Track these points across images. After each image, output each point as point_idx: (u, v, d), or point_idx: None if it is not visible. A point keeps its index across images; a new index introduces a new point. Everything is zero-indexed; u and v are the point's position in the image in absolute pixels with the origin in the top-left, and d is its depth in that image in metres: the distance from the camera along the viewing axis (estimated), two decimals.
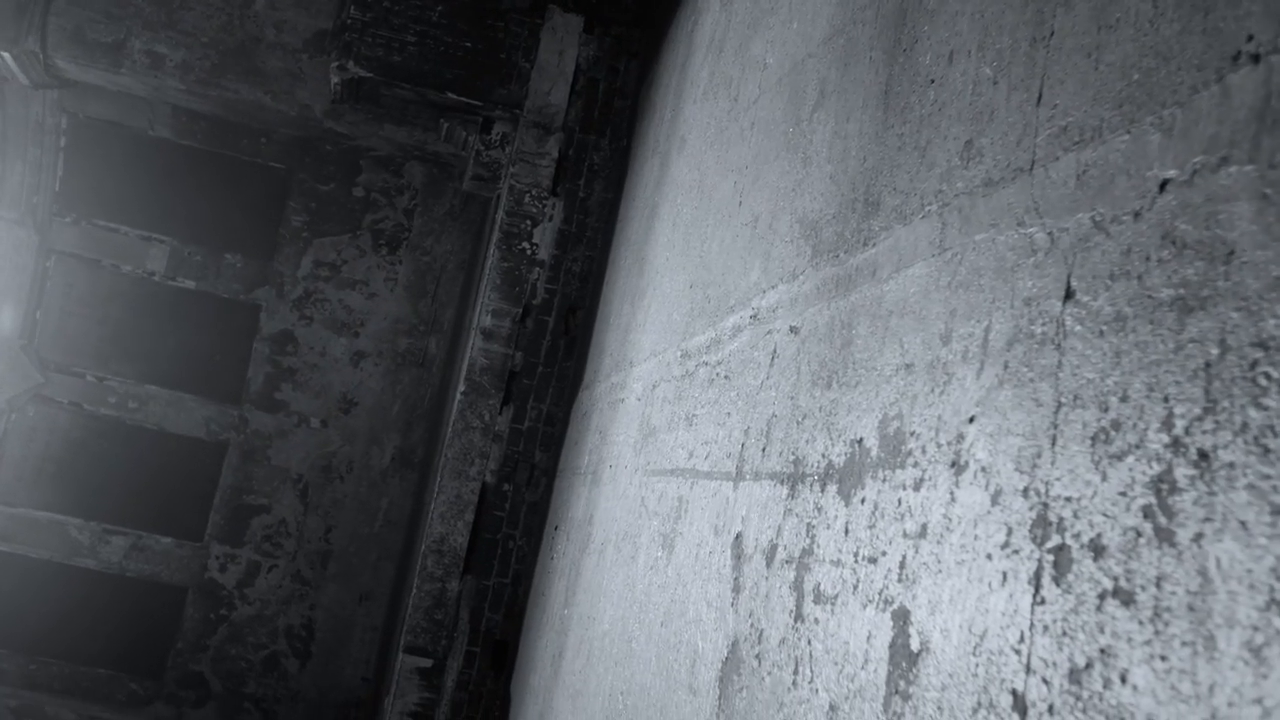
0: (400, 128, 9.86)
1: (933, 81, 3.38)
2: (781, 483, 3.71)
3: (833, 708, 3.02)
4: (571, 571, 6.52)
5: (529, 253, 7.99)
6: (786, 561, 3.52)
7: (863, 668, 2.92)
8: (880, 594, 2.91)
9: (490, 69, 8.16)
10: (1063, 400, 2.36)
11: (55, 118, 10.23)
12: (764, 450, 3.94)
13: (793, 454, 3.68)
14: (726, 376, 4.54)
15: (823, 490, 3.39)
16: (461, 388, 8.01)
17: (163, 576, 10.37)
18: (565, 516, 7.11)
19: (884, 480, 3.04)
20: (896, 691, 2.72)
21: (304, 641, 10.42)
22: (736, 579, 3.93)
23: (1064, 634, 2.18)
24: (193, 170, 10.77)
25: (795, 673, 3.28)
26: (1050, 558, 2.27)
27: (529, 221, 8.04)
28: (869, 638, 2.92)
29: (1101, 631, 2.06)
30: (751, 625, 3.68)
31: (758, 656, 3.57)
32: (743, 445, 4.17)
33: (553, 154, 8.08)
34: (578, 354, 8.01)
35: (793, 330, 3.97)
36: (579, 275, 8.09)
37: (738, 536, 4.02)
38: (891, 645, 2.80)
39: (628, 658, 4.94)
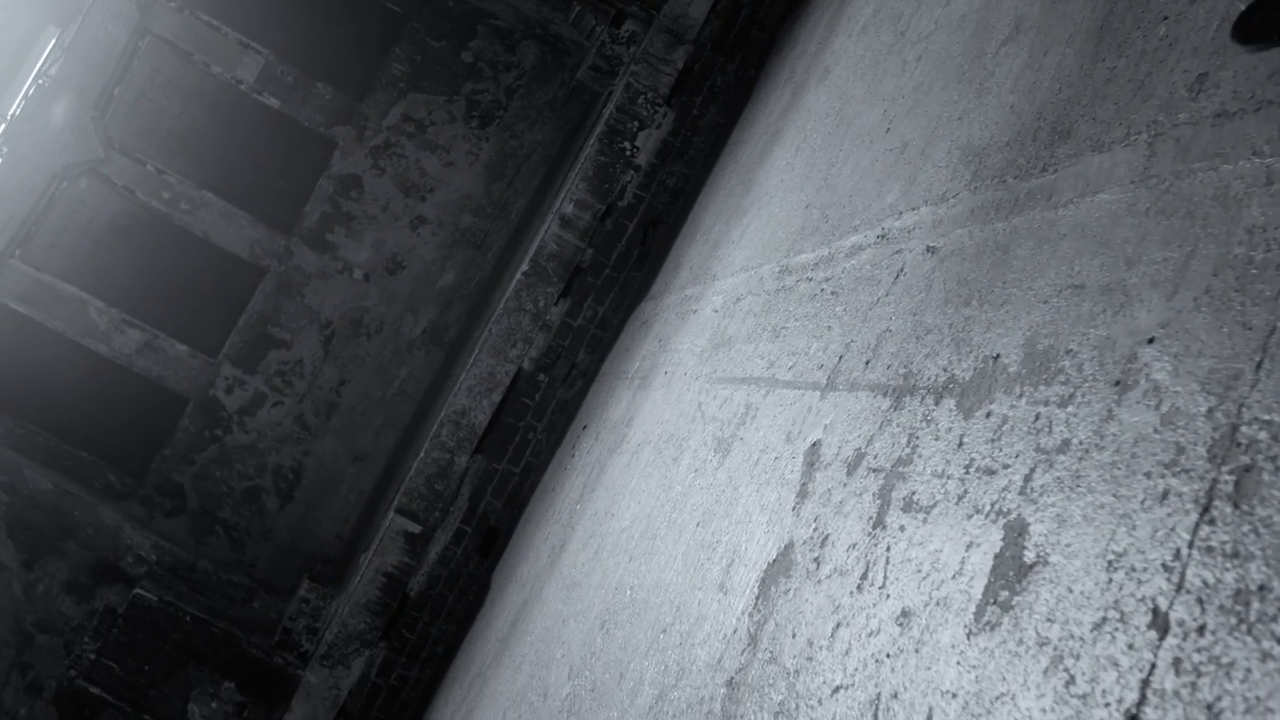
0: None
1: (1165, 18, 3.27)
2: (884, 395, 3.55)
3: (905, 613, 2.85)
4: (594, 470, 6.37)
5: (628, 153, 7.80)
6: (874, 470, 3.37)
7: (953, 577, 2.76)
8: (993, 506, 2.76)
9: None
10: (1279, 325, 2.21)
11: None
12: (867, 363, 3.80)
13: (904, 368, 3.53)
14: (834, 292, 4.39)
15: (936, 403, 3.24)
16: (524, 268, 7.82)
17: (168, 381, 10.19)
18: (599, 417, 6.95)
19: (1020, 395, 2.89)
20: (994, 601, 2.56)
21: (289, 484, 10.24)
22: (804, 485, 3.77)
23: (1234, 554, 2.02)
24: None
25: (863, 578, 3.12)
26: (1230, 478, 2.12)
27: (636, 123, 7.84)
28: (969, 547, 2.77)
29: None
30: (815, 530, 3.51)
31: (816, 560, 3.40)
32: (840, 357, 4.02)
33: (678, 64, 7.89)
34: (649, 266, 7.83)
35: (929, 250, 3.83)
36: (670, 190, 7.90)
37: (814, 444, 3.86)
38: (998, 556, 2.64)
39: (648, 554, 4.79)
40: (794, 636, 3.29)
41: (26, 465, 8.35)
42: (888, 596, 2.97)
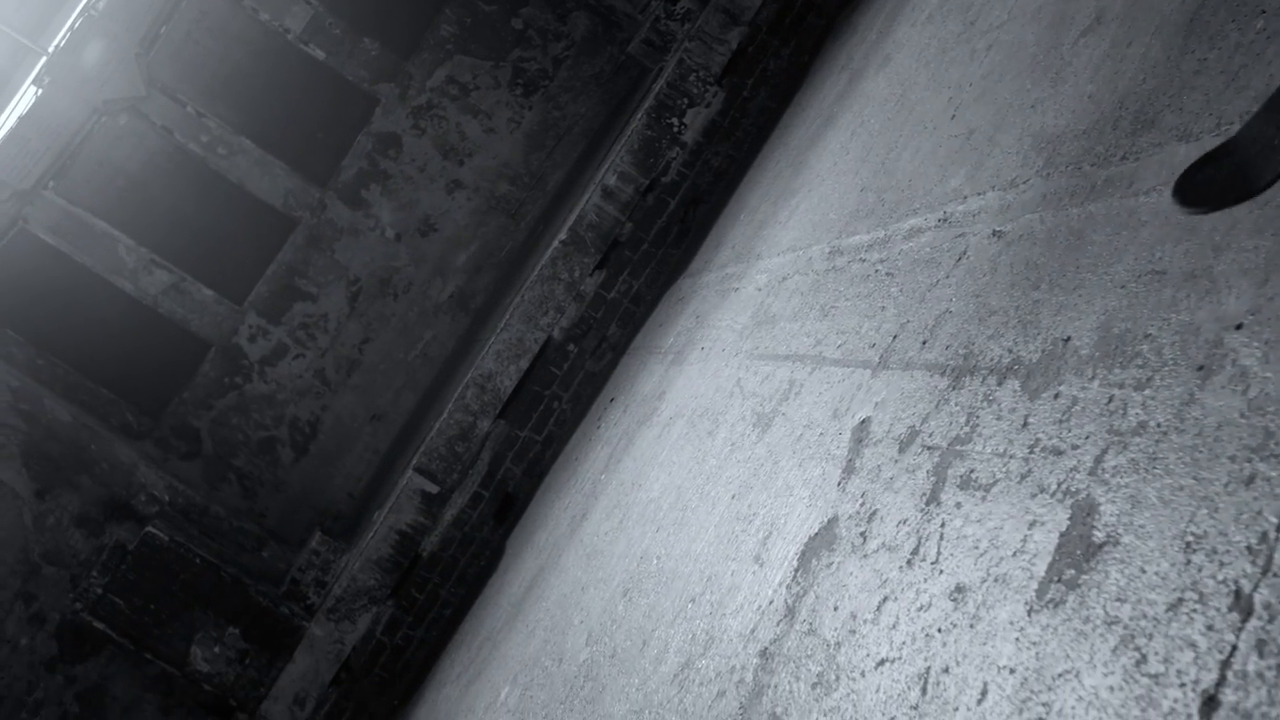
0: None
1: (1263, 12, 3.24)
2: (942, 374, 3.51)
3: (959, 589, 2.81)
4: (621, 441, 6.33)
5: (675, 129, 7.75)
6: (928, 448, 3.32)
7: (1014, 554, 2.72)
8: (1060, 486, 2.71)
9: None
10: None
11: None
12: (924, 343, 3.76)
13: (964, 348, 3.49)
14: (889, 273, 4.35)
15: (999, 384, 3.20)
16: (562, 236, 7.76)
17: (192, 325, 10.15)
18: (628, 390, 6.91)
19: (1093, 378, 2.85)
20: (1059, 580, 2.51)
21: (305, 438, 10.20)
22: (850, 461, 3.73)
23: None
24: None
25: (914, 553, 3.08)
26: None
27: (686, 100, 7.79)
28: (1031, 525, 2.72)
29: None
30: (862, 505, 3.47)
31: (862, 535, 3.36)
32: (894, 337, 3.98)
33: (732, 44, 7.83)
34: (688, 244, 7.77)
35: (995, 234, 3.79)
36: (714, 170, 7.84)
37: (864, 421, 3.82)
38: (1063, 535, 2.60)
39: (678, 525, 4.75)
40: (835, 610, 3.25)
41: (47, 396, 8.31)
42: (940, 572, 2.93)
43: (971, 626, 2.70)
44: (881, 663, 2.91)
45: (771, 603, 3.60)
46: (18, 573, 8.09)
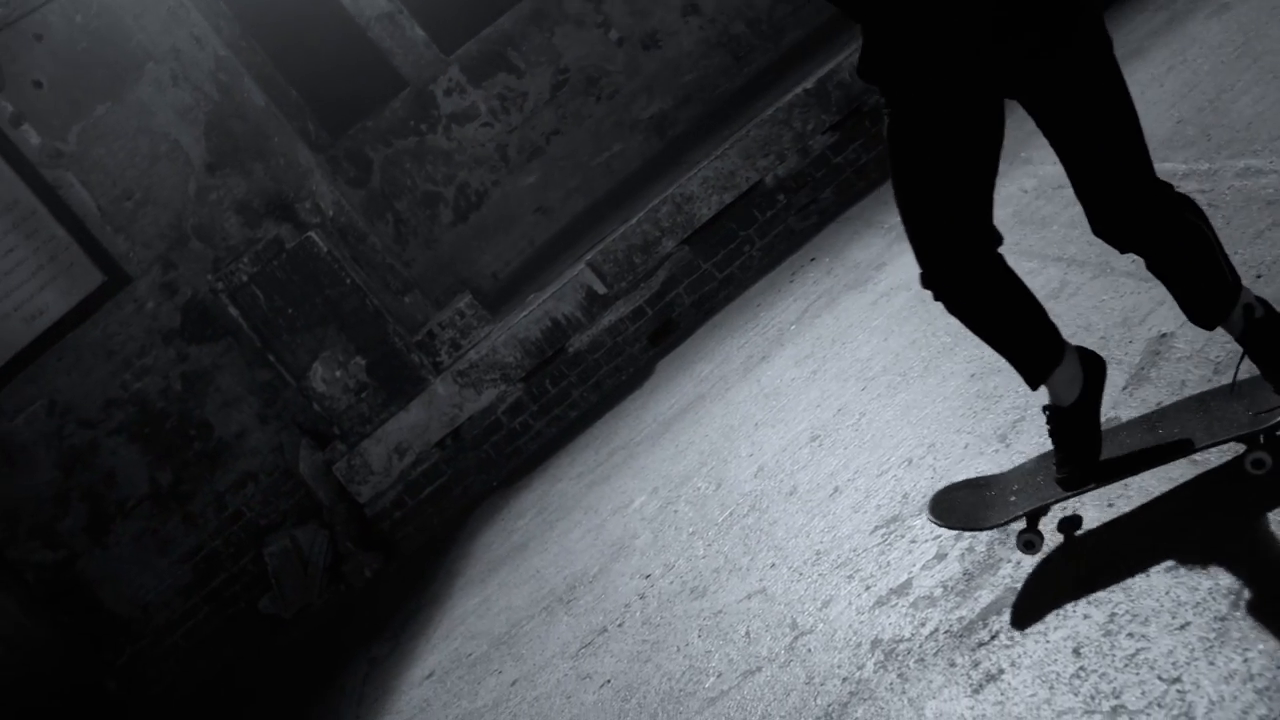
0: None
1: None
2: None
3: None
4: (821, 299, 6.15)
5: None
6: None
7: None
8: None
9: None
10: None
11: None
12: (1259, 277, 3.55)
13: None
14: (1211, 204, 4.13)
15: None
16: (808, 85, 7.49)
17: (395, 59, 9.94)
18: (834, 254, 6.69)
19: None
20: None
21: (469, 206, 10.01)
22: (1142, 369, 3.53)
23: None
24: None
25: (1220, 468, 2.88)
26: None
27: None
28: None
29: None
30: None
31: None
32: None
33: None
34: None
35: None
36: None
37: (1164, 335, 3.62)
38: None
39: (891, 389, 4.57)
40: (1110, 506, 3.06)
41: (246, 75, 8.15)
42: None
43: None
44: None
45: None
46: (166, 237, 7.98)
